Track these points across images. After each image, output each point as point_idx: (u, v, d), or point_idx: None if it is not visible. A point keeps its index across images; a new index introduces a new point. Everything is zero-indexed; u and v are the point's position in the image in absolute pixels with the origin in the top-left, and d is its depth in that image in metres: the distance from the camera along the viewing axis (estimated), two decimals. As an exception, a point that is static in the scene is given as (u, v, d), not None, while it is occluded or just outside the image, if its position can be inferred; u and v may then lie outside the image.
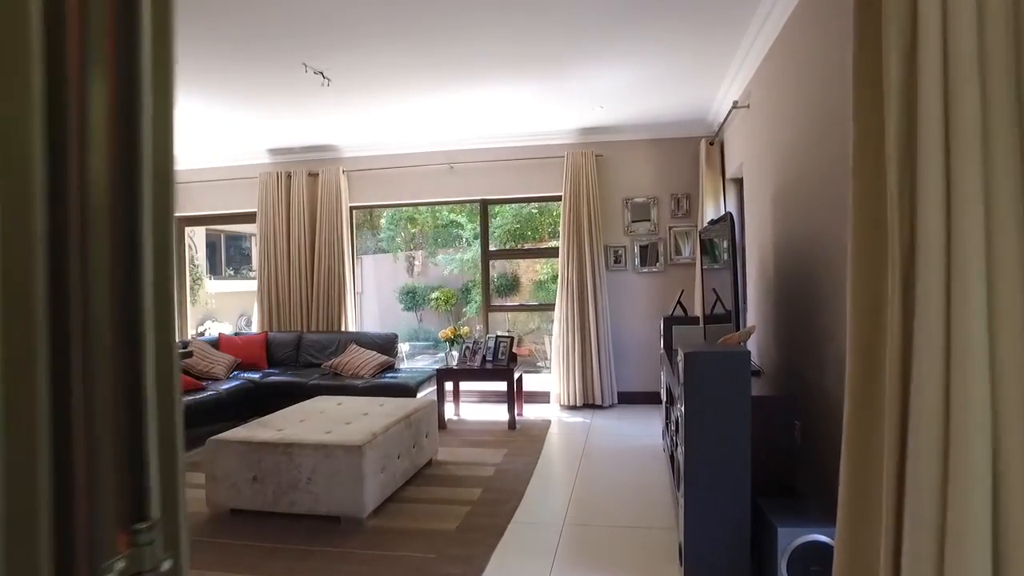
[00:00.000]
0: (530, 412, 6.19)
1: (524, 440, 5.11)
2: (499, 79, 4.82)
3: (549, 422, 5.73)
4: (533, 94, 5.23)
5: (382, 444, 3.60)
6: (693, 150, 6.18)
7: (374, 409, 4.25)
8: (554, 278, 10.13)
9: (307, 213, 6.96)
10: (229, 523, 3.50)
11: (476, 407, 6.47)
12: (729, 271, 3.46)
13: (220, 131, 6.22)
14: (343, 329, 6.87)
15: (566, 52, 4.30)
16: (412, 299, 12.01)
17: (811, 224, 2.91)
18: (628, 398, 6.38)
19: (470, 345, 5.89)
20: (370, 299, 12.57)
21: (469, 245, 11.04)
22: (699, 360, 2.49)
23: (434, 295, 11.70)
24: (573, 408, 6.26)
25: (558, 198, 6.52)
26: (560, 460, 4.67)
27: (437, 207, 11.21)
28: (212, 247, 10.96)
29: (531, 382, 6.58)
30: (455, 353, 5.90)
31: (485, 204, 6.90)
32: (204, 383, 5.57)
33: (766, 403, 2.78)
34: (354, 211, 7.21)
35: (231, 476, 3.55)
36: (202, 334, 9.51)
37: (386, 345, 6.33)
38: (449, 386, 6.13)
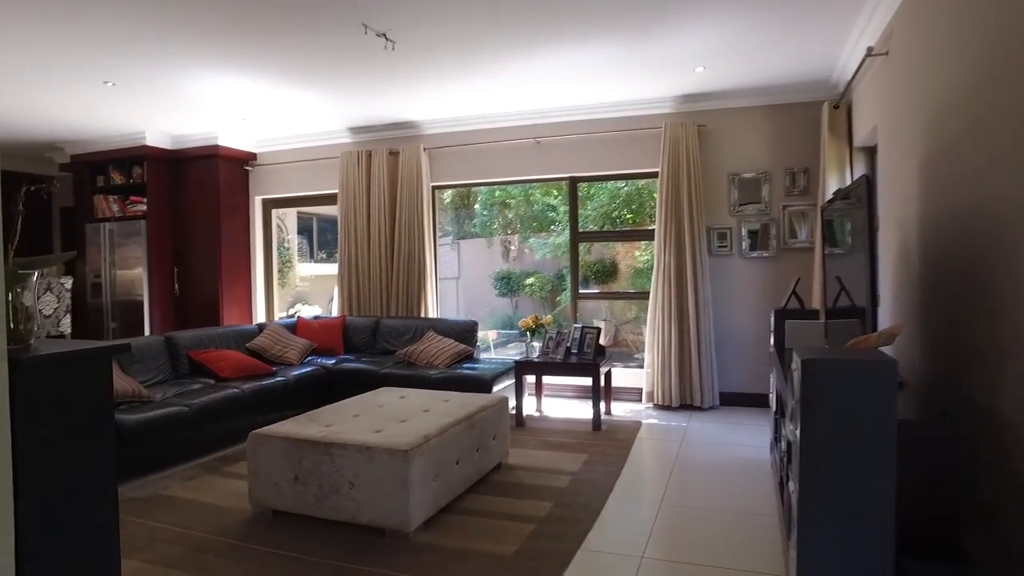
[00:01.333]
0: (619, 410, 5.60)
1: (608, 444, 4.55)
2: (581, 39, 4.24)
3: (639, 424, 5.12)
4: (622, 56, 4.60)
5: (436, 449, 3.17)
6: (813, 116, 5.32)
7: (436, 406, 3.84)
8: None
9: (387, 193, 6.67)
10: (268, 526, 3.19)
11: (561, 402, 5.95)
12: (862, 254, 2.74)
13: (296, 110, 6.02)
14: (422, 315, 6.55)
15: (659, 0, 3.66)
16: (507, 285, 11.65)
17: (983, 198, 2.16)
18: (731, 400, 5.65)
19: (553, 335, 5.37)
20: (466, 284, 12.35)
21: (564, 228, 10.49)
22: (824, 369, 1.85)
23: (529, 281, 11.27)
24: (667, 408, 5.61)
25: (654, 175, 5.85)
26: (647, 472, 4.07)
27: (530, 189, 10.74)
28: (308, 231, 11.02)
29: (622, 377, 5.98)
30: (536, 344, 5.40)
31: (574, 182, 6.33)
32: (275, 368, 5.39)
33: (916, 430, 2.08)
34: (436, 191, 6.85)
35: (273, 474, 3.24)
36: (292, 316, 9.57)
37: (465, 333, 5.94)
38: (532, 379, 5.66)
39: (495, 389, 5.12)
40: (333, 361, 5.80)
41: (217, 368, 5.00)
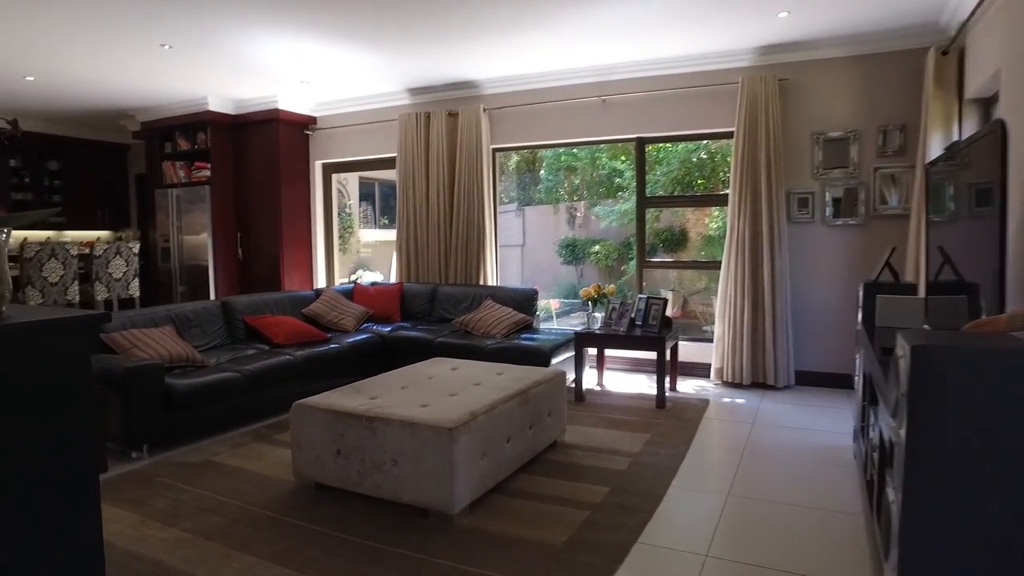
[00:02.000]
0: (685, 386, 5.28)
1: (673, 424, 4.25)
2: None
3: (706, 402, 4.79)
4: (697, 1, 4.17)
5: (484, 426, 2.97)
6: (915, 65, 4.73)
7: (489, 379, 3.63)
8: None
9: (446, 157, 6.45)
10: (310, 500, 3.09)
11: (624, 376, 5.67)
12: (980, 221, 2.32)
13: (354, 71, 5.84)
14: (481, 283, 6.35)
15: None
16: (572, 253, 11.35)
17: None
18: (808, 379, 5.22)
19: (616, 306, 5.07)
20: (530, 252, 12.11)
21: (631, 194, 10.05)
22: (944, 358, 1.51)
23: (594, 249, 10.93)
24: (738, 386, 5.24)
25: (729, 135, 5.39)
26: (714, 457, 3.76)
27: (596, 153, 10.32)
28: (370, 196, 10.99)
29: (690, 351, 5.63)
30: (598, 315, 5.11)
31: (642, 143, 5.93)
32: (329, 335, 5.31)
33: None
34: (496, 153, 6.58)
35: (315, 447, 3.12)
36: (355, 282, 9.59)
37: (524, 302, 5.70)
38: (594, 351, 5.40)
39: (554, 362, 4.88)
40: (389, 328, 5.69)
41: (271, 334, 4.95)
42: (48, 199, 8.55)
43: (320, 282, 7.67)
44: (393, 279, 7.09)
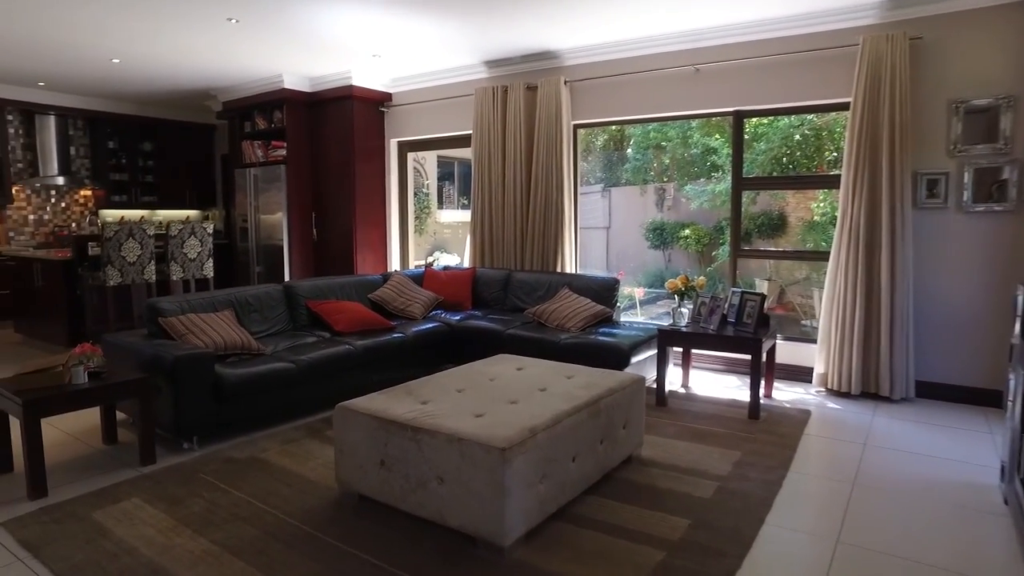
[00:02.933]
0: (782, 393, 4.67)
1: (768, 440, 3.70)
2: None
3: (807, 414, 4.18)
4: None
5: (545, 444, 2.56)
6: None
7: (557, 383, 3.22)
8: (835, 219, 8.08)
9: (524, 133, 6.02)
10: (350, 514, 2.79)
11: (712, 377, 5.11)
12: None
13: (428, 43, 5.48)
14: (558, 269, 5.92)
15: None
16: (659, 237, 10.70)
17: None
18: (932, 391, 4.50)
19: (706, 300, 4.52)
20: (616, 235, 11.55)
21: (725, 175, 9.29)
22: None
23: (684, 233, 10.24)
24: (844, 395, 4.58)
25: (844, 106, 4.68)
26: (818, 487, 3.19)
27: (688, 130, 9.60)
28: (450, 175, 10.73)
29: (788, 351, 5.00)
30: (685, 310, 4.58)
31: (740, 117, 5.28)
32: (394, 323, 5.04)
33: None
34: (578, 130, 6.09)
35: (358, 455, 2.81)
36: (430, 265, 9.37)
37: (604, 292, 5.23)
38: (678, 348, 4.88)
39: (634, 360, 4.40)
40: (458, 317, 5.37)
41: (333, 321, 4.73)
42: (142, 179, 8.78)
43: (394, 264, 7.46)
44: (467, 263, 6.77)
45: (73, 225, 8.42)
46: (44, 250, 7.15)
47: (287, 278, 7.22)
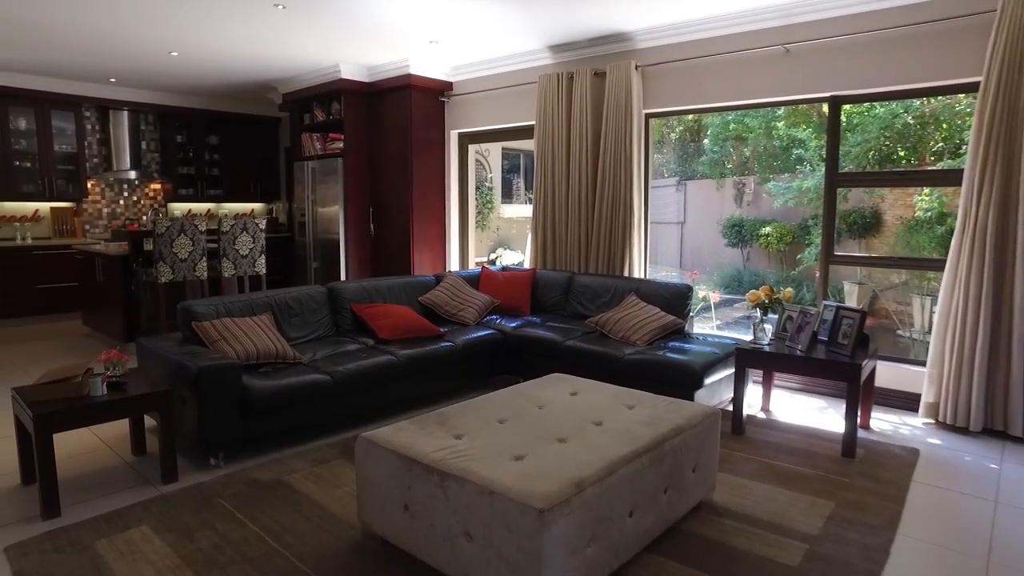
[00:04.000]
0: (881, 423, 4.03)
1: (868, 487, 3.11)
2: None
3: (915, 454, 3.54)
4: None
5: (595, 502, 2.11)
6: None
7: (616, 415, 2.75)
8: (942, 217, 7.18)
9: (590, 123, 5.53)
10: (371, 563, 2.41)
11: (796, 399, 4.51)
12: None
13: (489, 26, 5.06)
14: (624, 273, 5.41)
15: None
16: (738, 234, 9.97)
17: None
18: (1075, 429, 3.76)
19: (794, 315, 3.93)
20: (691, 231, 10.90)
21: (813, 169, 8.48)
22: None
23: (764, 231, 9.48)
24: (962, 431, 3.89)
25: (970, 87, 3.97)
26: (940, 561, 2.58)
27: (772, 120, 8.83)
28: (515, 168, 10.31)
29: (886, 373, 4.33)
30: (768, 326, 4.00)
31: (837, 103, 4.61)
32: (444, 329, 4.67)
33: None
34: (650, 119, 5.54)
35: (381, 495, 2.44)
36: (493, 263, 9.00)
37: (675, 301, 4.70)
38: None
39: (707, 382, 3.87)
40: (514, 324, 4.95)
41: (377, 327, 4.41)
42: (208, 173, 8.80)
43: (453, 261, 7.13)
44: (527, 262, 6.34)
45: (143, 218, 8.52)
46: (111, 244, 7.20)
47: (343, 275, 7.00)
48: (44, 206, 7.78)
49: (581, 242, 5.70)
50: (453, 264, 7.12)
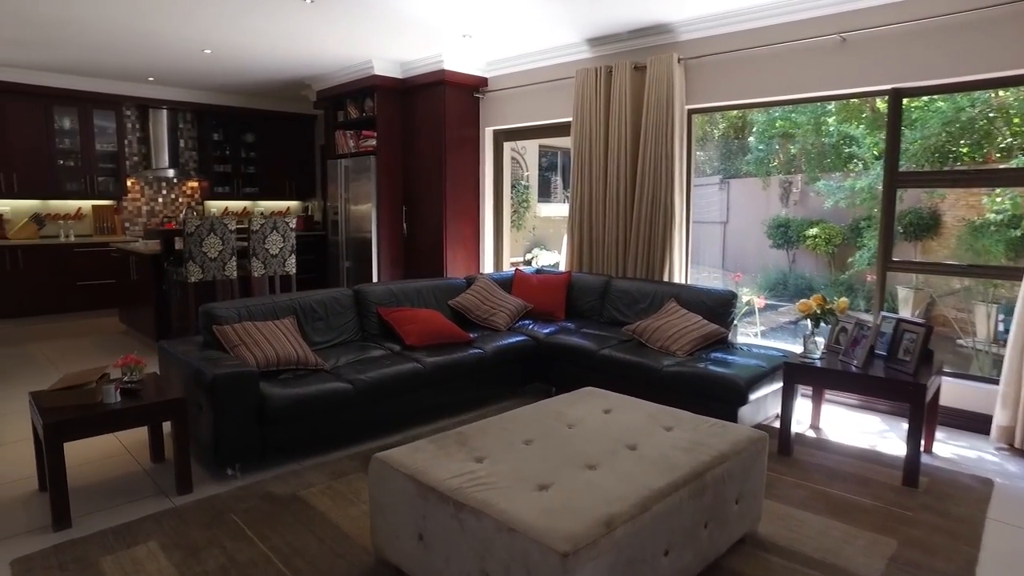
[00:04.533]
0: (946, 447, 3.69)
1: (935, 523, 2.80)
2: None
3: (989, 486, 3.21)
4: None
5: (626, 542, 1.88)
6: None
7: (651, 438, 2.52)
8: (1015, 220, 6.68)
9: (629, 120, 5.27)
10: (379, 602, 2.25)
11: (849, 416, 4.18)
12: None
13: (525, 19, 4.85)
14: (664, 277, 5.14)
15: None
16: (783, 235, 9.54)
17: None
18: None
19: (849, 328, 3.62)
20: (734, 231, 10.51)
21: (866, 168, 8.03)
22: None
23: (811, 232, 9.05)
24: (1038, 456, 3.54)
25: (1052, 78, 3.60)
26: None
27: (822, 115, 8.41)
28: (552, 166, 10.07)
29: (951, 391, 3.98)
30: (820, 339, 3.69)
31: (898, 96, 4.25)
32: (474, 335, 4.48)
33: None
34: (692, 115, 5.26)
35: (394, 522, 2.26)
36: (528, 263, 8.79)
37: (718, 308, 4.42)
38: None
39: (752, 398, 3.59)
40: (548, 330, 4.74)
41: (404, 332, 4.24)
42: (244, 171, 8.81)
43: (487, 261, 6.94)
44: (562, 265, 6.11)
45: (180, 216, 8.57)
46: (144, 243, 7.23)
47: (375, 274, 6.88)
48: (86, 204, 7.87)
49: (619, 244, 5.45)
50: (487, 264, 6.94)
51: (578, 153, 5.67)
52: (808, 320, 3.68)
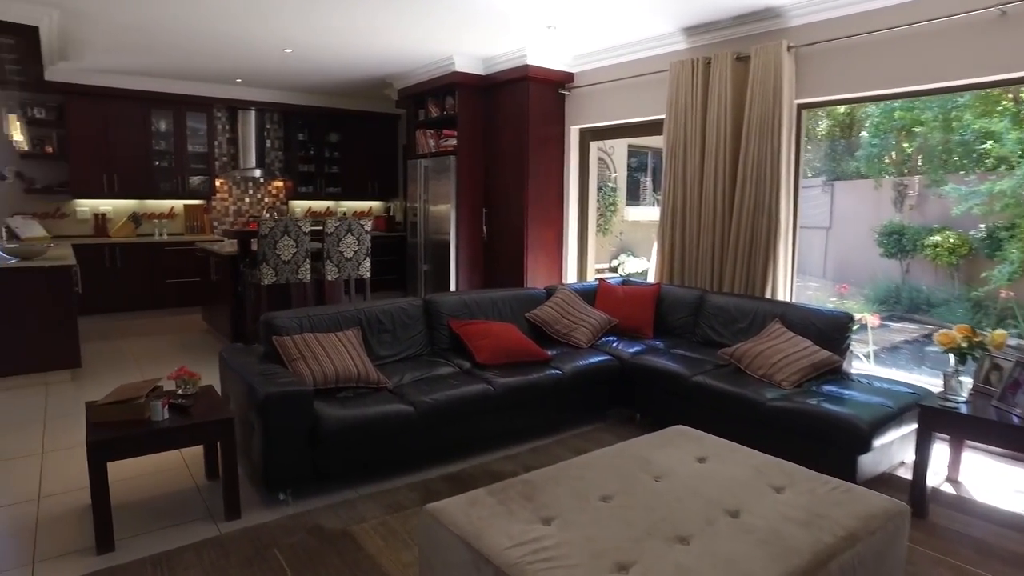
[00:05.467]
0: None
1: None
2: None
3: None
4: None
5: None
6: None
7: (758, 501, 2.06)
8: None
9: (730, 116, 4.73)
10: None
11: (995, 466, 3.51)
12: None
13: (614, 7, 4.42)
14: (766, 292, 4.58)
15: None
16: (897, 243, 8.61)
17: None
18: None
19: (1004, 365, 2.98)
20: (838, 237, 9.65)
21: (1011, 167, 7.05)
22: None
23: (931, 240, 8.09)
24: None
25: None
26: None
27: (953, 109, 7.47)
28: (642, 167, 9.52)
29: None
30: (967, 379, 3.06)
31: (1068, 86, 3.54)
32: (552, 352, 4.09)
33: None
34: (803, 111, 4.66)
35: (442, 592, 1.91)
36: (614, 269, 8.31)
37: (831, 332, 3.82)
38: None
39: (876, 444, 3.02)
40: (633, 349, 4.29)
41: (475, 348, 3.91)
42: (327, 170, 8.80)
43: (570, 268, 6.54)
44: (651, 276, 5.63)
45: (266, 214, 8.65)
46: (224, 243, 7.28)
47: (452, 278, 6.62)
48: (179, 203, 8.06)
49: (715, 254, 4.92)
50: (570, 270, 6.54)
51: (671, 153, 5.18)
52: (951, 354, 3.06)
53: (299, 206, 8.93)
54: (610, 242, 8.36)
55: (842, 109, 8.34)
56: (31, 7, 4.61)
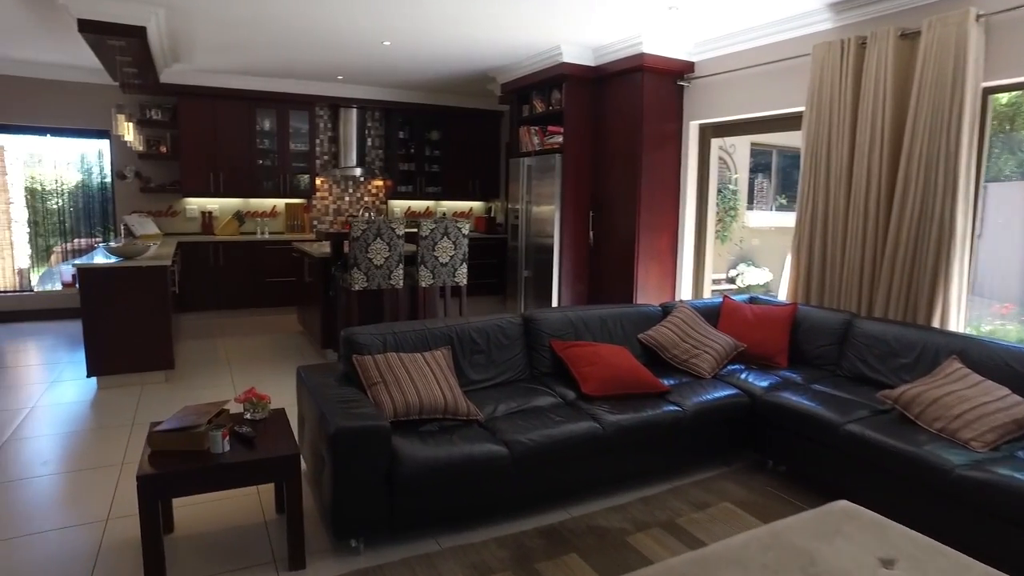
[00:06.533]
0: None
1: None
2: None
3: None
4: None
5: None
6: None
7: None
8: None
9: (889, 105, 3.94)
10: None
11: None
12: None
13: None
14: (933, 320, 3.76)
15: None
16: (1069, 255, 7.27)
17: None
18: None
19: None
20: (990, 250, 8.36)
21: None
22: None
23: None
24: None
25: None
26: None
27: None
28: (765, 168, 8.60)
29: None
30: None
31: None
32: (669, 383, 3.49)
33: None
34: (989, 96, 3.80)
35: None
36: (732, 281, 7.51)
37: (1029, 372, 3.01)
38: None
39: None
40: (766, 383, 3.61)
41: (581, 375, 3.38)
42: (428, 169, 8.54)
43: (684, 280, 5.88)
44: (783, 294, 4.89)
45: (364, 214, 8.50)
46: (316, 244, 7.14)
47: (555, 286, 6.12)
48: (280, 202, 8.04)
49: (865, 270, 4.14)
50: (684, 281, 5.88)
51: (811, 151, 4.43)
52: None
53: (398, 206, 8.73)
54: (728, 250, 7.57)
55: (1004, 99, 7.16)
56: (138, 7, 4.56)
